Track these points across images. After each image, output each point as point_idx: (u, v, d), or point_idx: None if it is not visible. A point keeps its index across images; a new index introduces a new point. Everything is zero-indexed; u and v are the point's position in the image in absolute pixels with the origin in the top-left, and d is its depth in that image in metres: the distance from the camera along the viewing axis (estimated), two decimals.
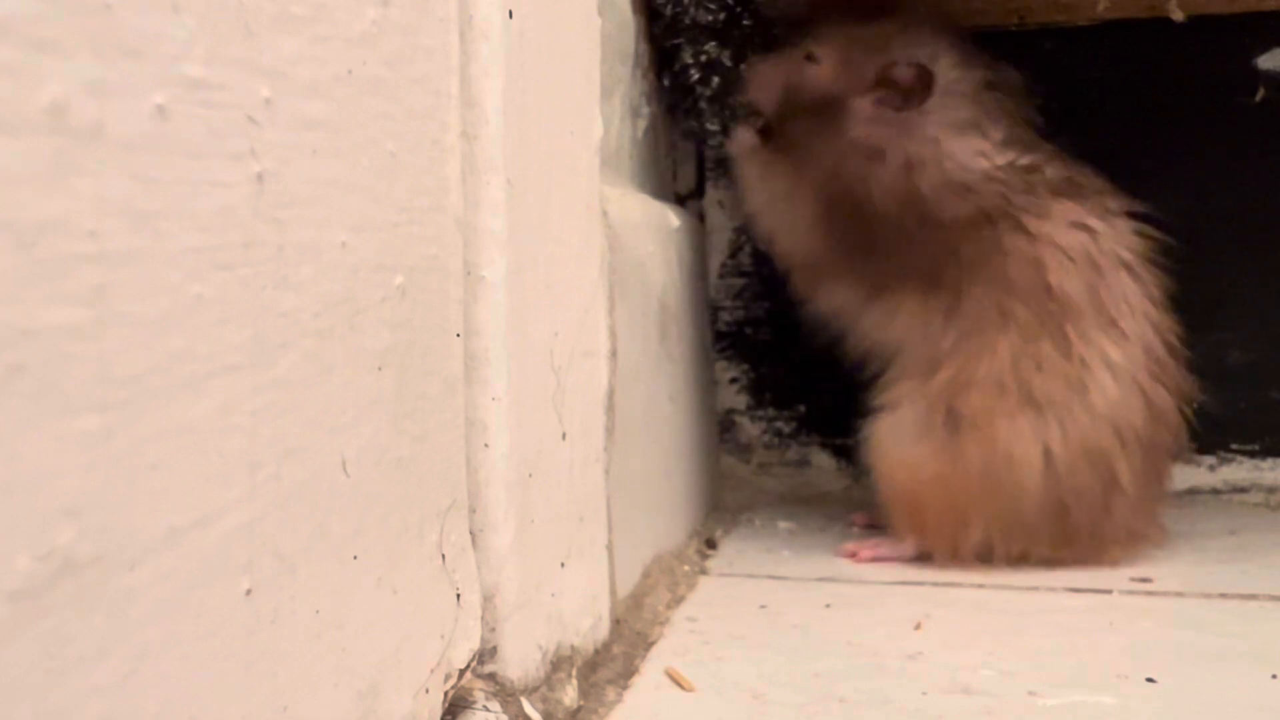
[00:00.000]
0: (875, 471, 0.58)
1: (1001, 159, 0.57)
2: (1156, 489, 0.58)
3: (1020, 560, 0.56)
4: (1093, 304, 0.55)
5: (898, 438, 0.57)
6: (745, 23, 0.63)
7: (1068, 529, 0.55)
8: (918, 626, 0.47)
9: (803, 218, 0.60)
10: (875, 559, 0.59)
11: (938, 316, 0.57)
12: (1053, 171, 0.57)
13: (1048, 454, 0.54)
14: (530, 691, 0.36)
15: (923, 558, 0.58)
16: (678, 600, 0.51)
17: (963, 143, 0.57)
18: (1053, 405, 0.54)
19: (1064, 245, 0.55)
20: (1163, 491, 0.59)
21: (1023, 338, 0.55)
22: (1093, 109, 0.72)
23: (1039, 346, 0.54)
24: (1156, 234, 0.58)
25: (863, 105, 0.58)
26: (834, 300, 0.61)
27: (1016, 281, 0.55)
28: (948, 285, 0.56)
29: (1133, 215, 0.58)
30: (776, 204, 0.62)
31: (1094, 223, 0.56)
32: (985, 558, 0.56)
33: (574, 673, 0.39)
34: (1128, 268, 0.56)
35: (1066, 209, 0.56)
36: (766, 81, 0.62)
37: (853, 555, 0.59)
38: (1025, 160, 0.57)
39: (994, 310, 0.55)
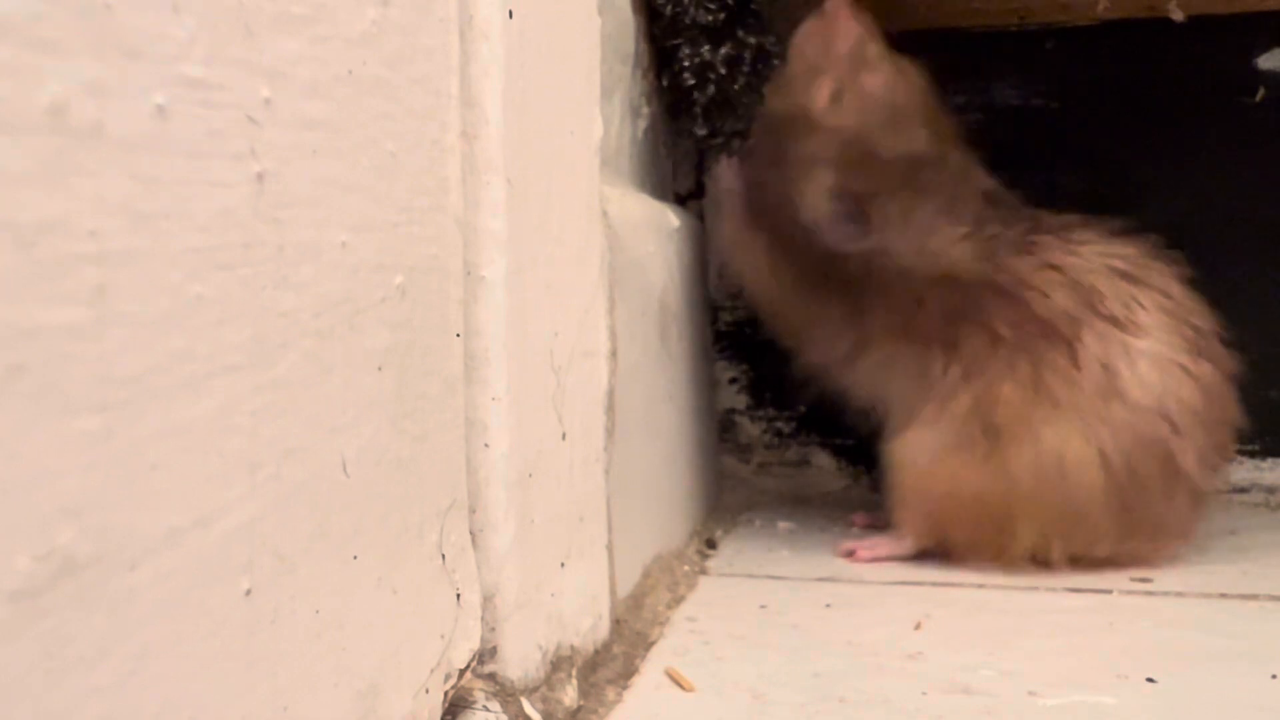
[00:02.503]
0: (901, 480, 0.58)
1: (961, 233, 0.57)
2: (1216, 470, 0.58)
3: (1076, 561, 0.55)
4: (1096, 314, 0.55)
5: (928, 452, 0.57)
6: (745, 23, 0.63)
7: (1132, 522, 0.55)
8: (918, 626, 0.47)
9: (763, 268, 0.61)
10: (874, 559, 0.59)
11: (934, 356, 0.57)
12: (1012, 234, 0.58)
13: (1101, 451, 0.54)
14: (530, 691, 0.36)
15: (921, 555, 0.58)
16: (678, 600, 0.51)
17: (922, 229, 0.57)
18: (1088, 410, 0.54)
19: (1037, 284, 0.56)
20: (1219, 473, 0.59)
21: (1032, 363, 0.55)
22: (1093, 109, 0.72)
23: (1054, 365, 0.55)
24: (1144, 236, 0.57)
25: (819, 94, 0.58)
26: (816, 356, 0.62)
27: (1003, 322, 0.55)
28: (936, 335, 0.57)
29: (1113, 233, 0.58)
30: (741, 250, 0.63)
31: (1061, 259, 0.57)
32: (1040, 561, 0.56)
33: (574, 673, 0.39)
34: (1123, 275, 0.56)
35: (1028, 261, 0.57)
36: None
37: (850, 554, 0.59)
38: (985, 232, 0.58)
39: (991, 346, 0.55)
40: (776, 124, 0.60)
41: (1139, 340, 0.55)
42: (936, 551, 0.58)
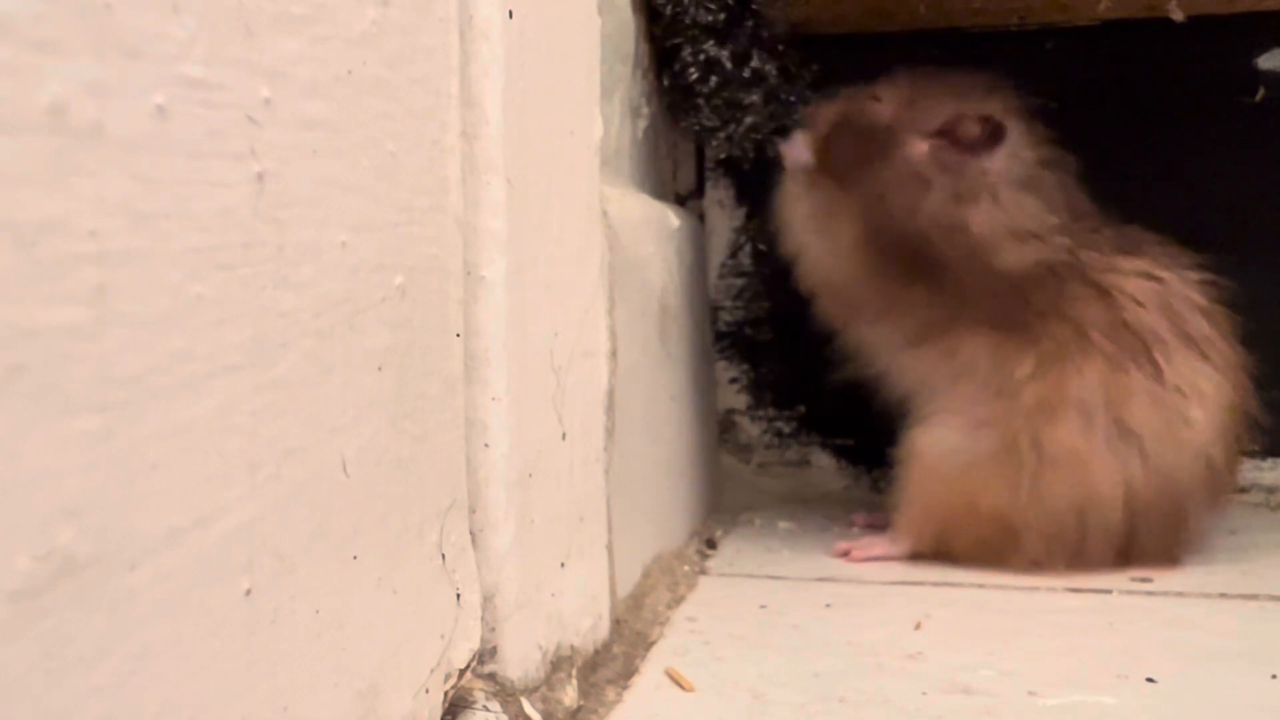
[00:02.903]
0: (915, 480, 0.58)
1: (1060, 218, 0.56)
2: (1209, 518, 0.59)
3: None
4: (1177, 337, 0.55)
5: (956, 456, 0.56)
6: (746, 22, 0.63)
7: (1131, 552, 0.55)
8: (918, 626, 0.47)
9: (843, 244, 0.59)
10: (868, 559, 0.59)
11: (1011, 352, 0.56)
12: (1112, 231, 0.58)
13: (1129, 489, 0.54)
14: (530, 691, 0.36)
15: (922, 557, 0.58)
16: (678, 600, 0.51)
17: (1022, 196, 0.56)
18: (1143, 435, 0.54)
19: (1133, 292, 0.56)
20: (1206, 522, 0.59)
21: (1110, 366, 0.54)
22: (1093, 109, 0.72)
23: (1129, 375, 0.54)
24: (1221, 281, 0.57)
25: (918, 145, 0.57)
26: (869, 337, 0.60)
27: (1092, 321, 0.55)
28: (1018, 325, 0.56)
29: (1196, 266, 0.58)
30: (814, 224, 0.61)
31: (1161, 273, 0.56)
32: (1033, 568, 0.56)
33: (574, 673, 0.39)
34: (1203, 312, 0.56)
35: (1132, 263, 0.57)
36: (825, 111, 0.61)
37: (845, 554, 0.59)
38: (1084, 222, 0.57)
39: (1074, 343, 0.55)
40: (850, 146, 0.59)
41: (1205, 381, 0.55)
42: (931, 554, 0.58)
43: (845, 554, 0.59)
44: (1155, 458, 0.54)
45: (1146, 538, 0.55)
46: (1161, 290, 0.56)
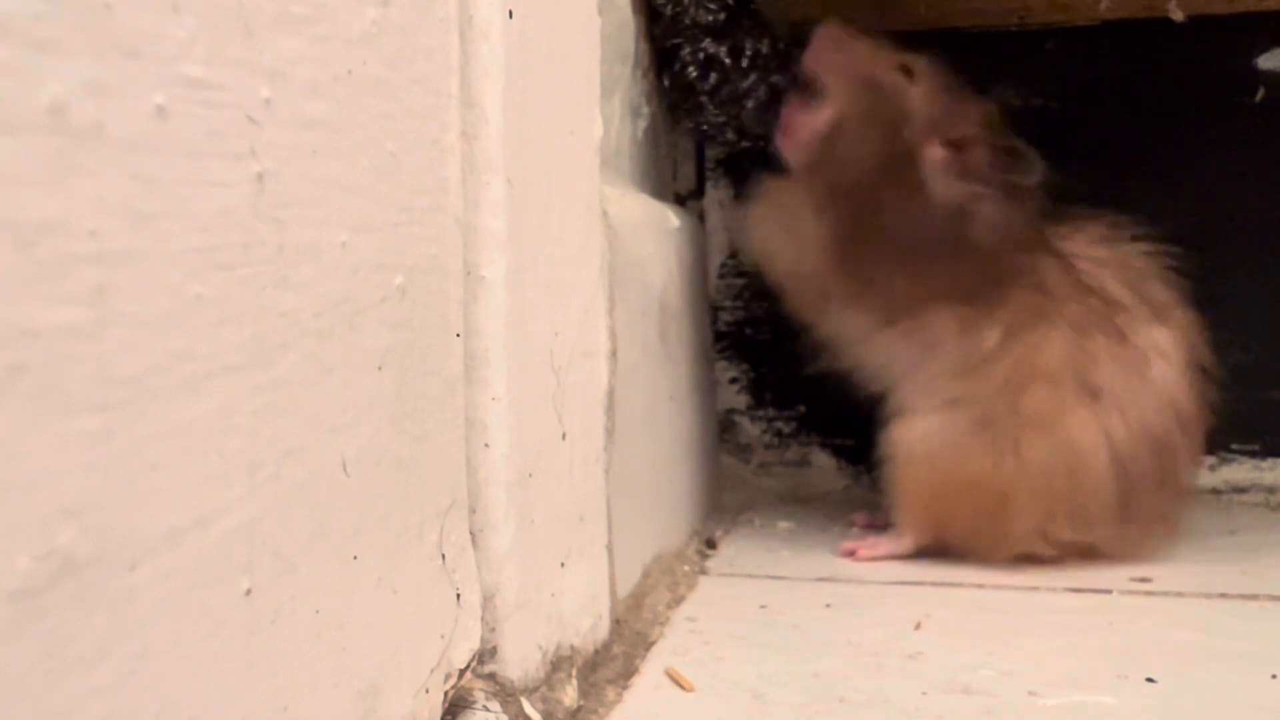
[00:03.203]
0: (903, 472, 0.58)
1: (1029, 209, 0.57)
2: (1193, 476, 0.60)
3: (1067, 550, 0.56)
4: (1136, 300, 0.56)
5: (935, 437, 0.57)
6: (745, 21, 0.63)
7: (1130, 510, 0.56)
8: (918, 626, 0.47)
9: (810, 231, 0.59)
10: (873, 558, 0.59)
11: (978, 323, 0.56)
12: (1062, 208, 0.59)
13: (1111, 441, 0.55)
14: (530, 691, 0.36)
15: (921, 555, 0.58)
16: (678, 600, 0.51)
17: (1002, 198, 0.57)
18: (1112, 393, 0.55)
19: (1093, 256, 0.57)
20: (1193, 480, 0.61)
21: (1075, 331, 0.55)
22: (1093, 109, 0.72)
23: (1093, 339, 0.55)
24: (1168, 247, 0.58)
25: (934, 153, 0.57)
26: (842, 326, 0.61)
27: (1055, 287, 0.56)
28: (984, 297, 0.56)
29: (1143, 236, 0.59)
30: (776, 221, 0.61)
31: (1115, 241, 0.58)
32: (1037, 545, 0.56)
33: (574, 673, 0.39)
34: (1157, 276, 0.58)
35: (1088, 234, 0.58)
36: (851, 53, 0.60)
37: (851, 554, 0.59)
38: (1032, 204, 0.58)
39: (1038, 311, 0.56)
40: (858, 138, 0.59)
41: (1165, 336, 0.56)
42: (935, 548, 0.58)
43: (851, 554, 0.59)
44: (1127, 412, 0.55)
45: (1142, 493, 0.56)
46: (1117, 255, 0.57)
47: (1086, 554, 0.56)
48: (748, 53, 0.63)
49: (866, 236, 0.57)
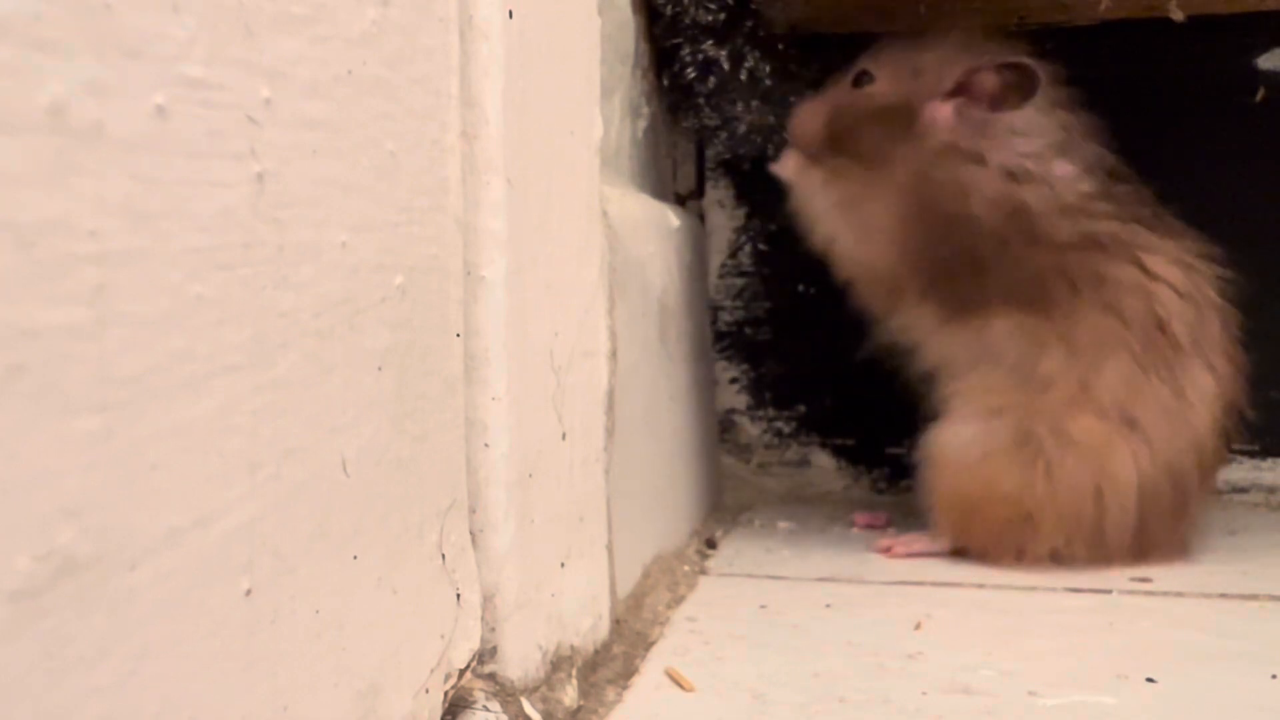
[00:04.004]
0: (939, 475, 0.58)
1: (1101, 185, 0.57)
2: (1205, 508, 0.60)
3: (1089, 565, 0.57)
4: (1194, 342, 0.56)
5: (975, 446, 0.57)
6: (745, 22, 0.63)
7: (1144, 540, 0.56)
8: (918, 626, 0.47)
9: (879, 227, 0.58)
10: (910, 555, 0.59)
11: (1043, 337, 0.56)
12: (1145, 204, 0.58)
13: (1140, 475, 0.55)
14: (530, 691, 0.36)
15: (923, 557, 0.59)
16: (678, 600, 0.51)
17: (1065, 163, 0.56)
18: (1147, 429, 0.55)
19: (1173, 281, 0.56)
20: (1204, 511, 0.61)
21: (1136, 366, 0.55)
22: (1093, 109, 0.72)
23: (1148, 378, 0.55)
24: (1230, 274, 0.58)
25: (941, 111, 0.57)
26: (908, 318, 0.60)
27: (1130, 312, 0.56)
28: (1056, 305, 0.56)
29: (1218, 258, 0.59)
30: (844, 213, 0.60)
31: (1193, 260, 0.57)
32: (1052, 561, 0.56)
33: (574, 673, 0.39)
34: (1216, 307, 0.57)
35: (1169, 245, 0.57)
36: (809, 115, 0.61)
37: (887, 550, 0.60)
38: (1121, 189, 0.57)
39: (1106, 338, 0.55)
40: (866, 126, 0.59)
41: (1208, 380, 0.56)
42: (965, 549, 0.58)
43: (887, 550, 0.60)
44: (1157, 448, 0.55)
45: (1156, 526, 0.56)
46: (1192, 285, 0.57)
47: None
48: (747, 55, 0.63)
49: (933, 224, 0.57)
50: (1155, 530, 0.56)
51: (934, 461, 0.58)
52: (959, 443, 0.57)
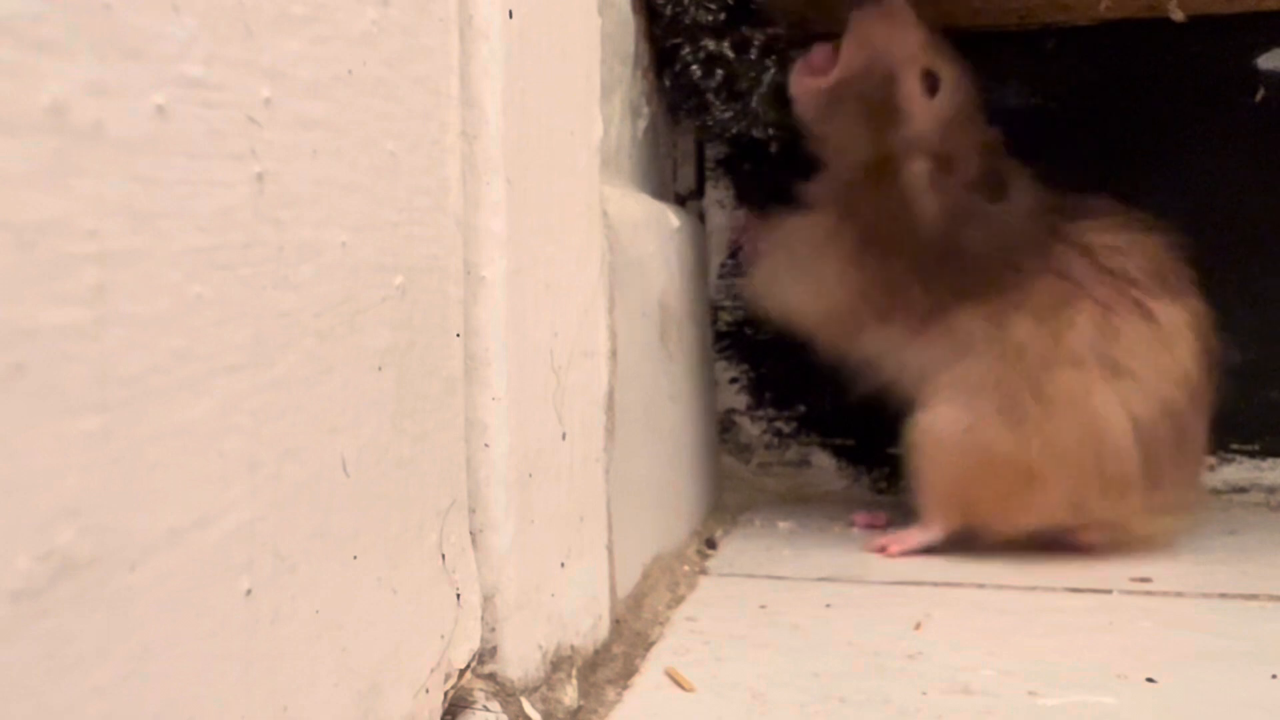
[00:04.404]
0: (929, 458, 0.59)
1: (1033, 201, 0.60)
2: (1204, 445, 0.61)
3: (1100, 528, 0.58)
4: (1153, 278, 0.58)
5: (960, 421, 0.58)
6: (745, 21, 0.63)
7: (1154, 478, 0.57)
8: (918, 626, 0.47)
9: (836, 263, 0.61)
10: (905, 551, 0.59)
11: (1007, 314, 0.58)
12: (1074, 202, 0.60)
13: (1133, 414, 0.56)
14: (530, 691, 0.36)
15: (923, 556, 0.59)
16: (678, 600, 0.51)
17: (986, 217, 0.59)
18: (1133, 368, 0.57)
19: (1111, 244, 0.58)
20: (1205, 448, 0.62)
21: (1102, 308, 0.57)
22: (1093, 109, 0.72)
23: (1119, 315, 0.57)
24: (1180, 240, 0.59)
25: (917, 167, 0.59)
26: (876, 346, 0.62)
27: (1079, 271, 0.58)
28: (1009, 285, 0.58)
29: (1156, 227, 0.60)
30: (799, 266, 0.63)
31: (1131, 227, 0.59)
32: (1063, 521, 0.57)
33: (574, 673, 0.39)
34: (1163, 257, 0.59)
35: (1102, 224, 0.59)
36: (876, 30, 0.61)
37: (882, 550, 0.60)
38: (1050, 200, 0.60)
39: (1064, 295, 0.57)
40: (854, 117, 0.61)
41: (1179, 313, 0.58)
42: (962, 533, 0.59)
43: (882, 549, 0.60)
44: (1147, 386, 0.56)
45: (1164, 461, 0.57)
46: (1134, 242, 0.59)
47: (1119, 532, 0.58)
48: (751, 48, 0.63)
49: (880, 250, 0.59)
50: (1163, 465, 0.57)
51: (920, 445, 0.59)
52: (942, 422, 0.58)
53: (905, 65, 0.61)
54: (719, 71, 0.63)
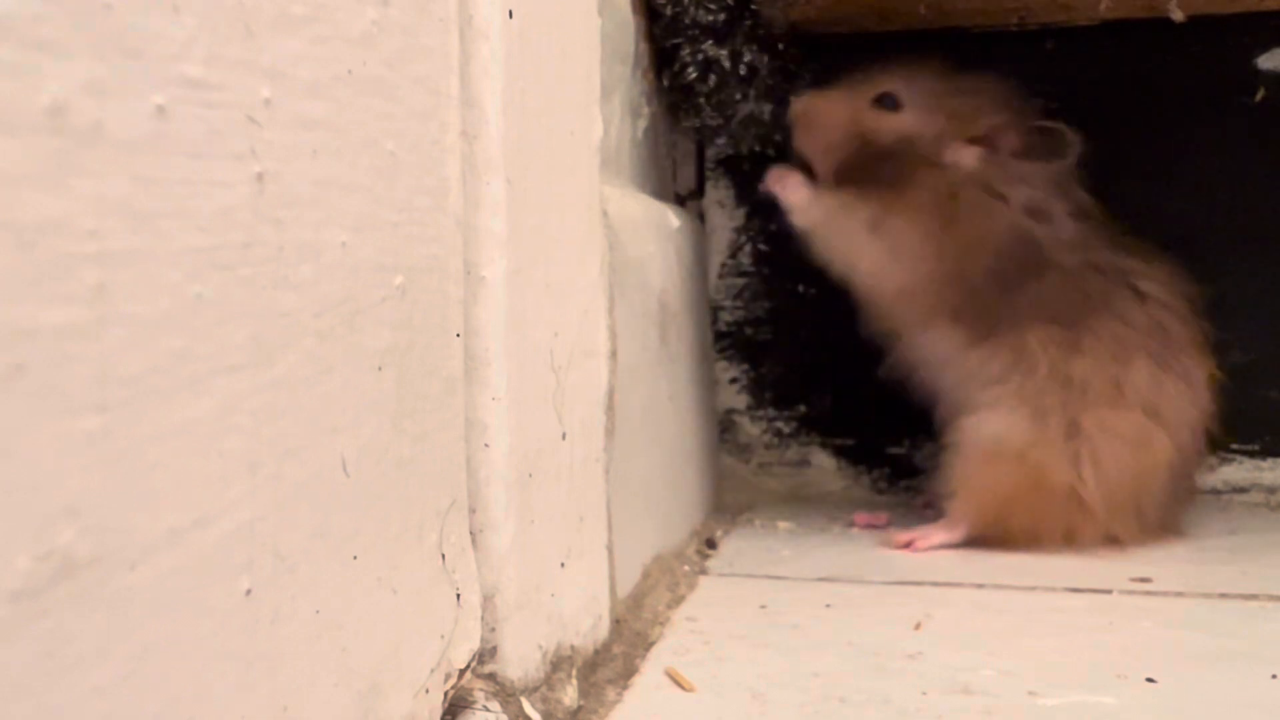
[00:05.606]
0: (974, 464, 0.60)
1: (1088, 222, 0.62)
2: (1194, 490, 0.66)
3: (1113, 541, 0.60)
4: (1188, 339, 0.61)
5: (1018, 437, 0.59)
6: (745, 22, 0.63)
7: (1167, 521, 0.62)
8: (918, 626, 0.47)
9: (907, 246, 0.61)
10: (930, 548, 0.60)
11: (1071, 343, 0.60)
12: (1121, 236, 0.62)
13: (1170, 463, 0.60)
14: (530, 691, 0.36)
15: (924, 556, 0.59)
16: (678, 600, 0.51)
17: (1061, 202, 0.61)
18: (1170, 419, 0.60)
19: (1162, 299, 0.61)
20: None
21: (1156, 364, 0.60)
22: (1093, 109, 0.72)
23: (1166, 374, 0.61)
24: (1199, 293, 0.62)
25: (965, 153, 0.61)
26: (935, 337, 0.62)
27: (1136, 321, 0.61)
28: (1078, 318, 0.60)
29: (1187, 278, 0.63)
30: (869, 235, 0.62)
31: (1168, 278, 0.62)
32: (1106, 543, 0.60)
33: (574, 673, 0.39)
34: (1192, 316, 0.62)
35: (1150, 268, 0.62)
36: (827, 123, 0.63)
37: (907, 546, 0.60)
38: (1101, 225, 0.62)
39: (1125, 343, 0.60)
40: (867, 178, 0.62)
41: (1199, 368, 0.61)
42: (988, 539, 0.59)
43: (908, 545, 0.60)
44: (1179, 436, 0.60)
45: (1174, 504, 0.62)
46: (1177, 301, 0.62)
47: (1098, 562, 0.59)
48: (747, 55, 0.63)
49: (958, 249, 0.60)
50: (1173, 508, 0.62)
51: (969, 448, 0.60)
52: (997, 434, 0.59)
53: (854, 117, 0.62)
54: (714, 75, 0.63)
